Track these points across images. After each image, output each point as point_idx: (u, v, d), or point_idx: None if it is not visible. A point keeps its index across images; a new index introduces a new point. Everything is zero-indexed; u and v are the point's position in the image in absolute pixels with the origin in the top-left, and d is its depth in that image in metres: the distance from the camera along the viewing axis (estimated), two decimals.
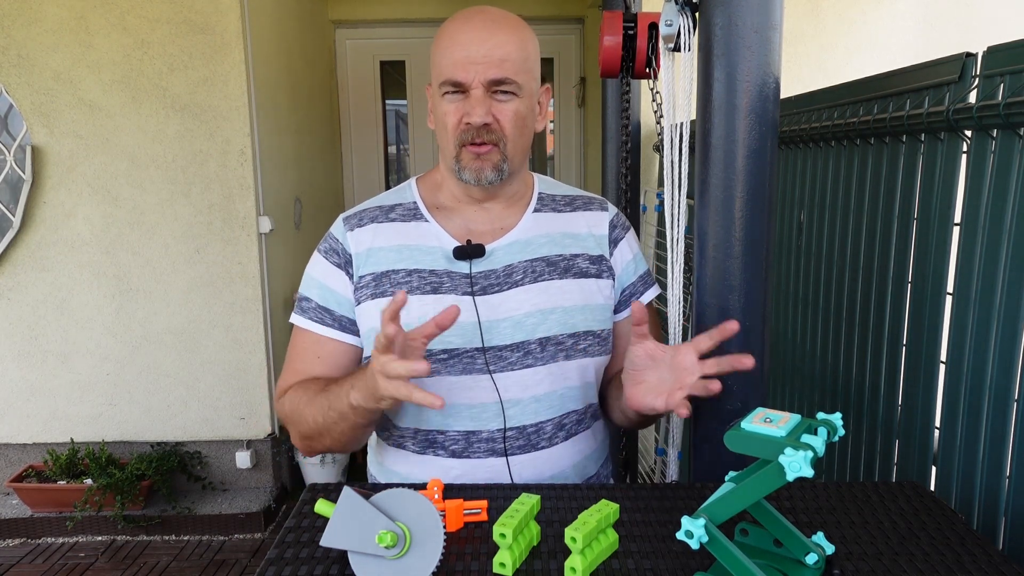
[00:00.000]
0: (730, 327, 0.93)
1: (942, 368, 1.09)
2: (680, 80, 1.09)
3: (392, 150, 4.57)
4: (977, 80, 1.01)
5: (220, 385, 3.03)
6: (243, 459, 3.05)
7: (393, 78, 4.37)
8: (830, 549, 0.79)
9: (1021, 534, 0.94)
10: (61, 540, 2.92)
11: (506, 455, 1.08)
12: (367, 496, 0.78)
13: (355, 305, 1.10)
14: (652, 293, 1.21)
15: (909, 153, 1.19)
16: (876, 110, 1.25)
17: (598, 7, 3.25)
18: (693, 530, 0.71)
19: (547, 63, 4.24)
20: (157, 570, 2.72)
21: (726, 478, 0.79)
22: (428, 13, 4.09)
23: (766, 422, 0.70)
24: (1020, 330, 0.94)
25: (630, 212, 2.07)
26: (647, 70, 1.38)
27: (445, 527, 0.78)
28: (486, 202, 1.13)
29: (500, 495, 0.95)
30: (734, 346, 0.98)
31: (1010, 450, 0.95)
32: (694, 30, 1.07)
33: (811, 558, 0.76)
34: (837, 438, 0.71)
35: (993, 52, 0.97)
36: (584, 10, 4.09)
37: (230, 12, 2.77)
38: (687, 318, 1.28)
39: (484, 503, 0.89)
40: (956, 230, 1.06)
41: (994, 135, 0.97)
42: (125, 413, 3.03)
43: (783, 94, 1.01)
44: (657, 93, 1.62)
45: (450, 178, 1.12)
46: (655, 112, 1.70)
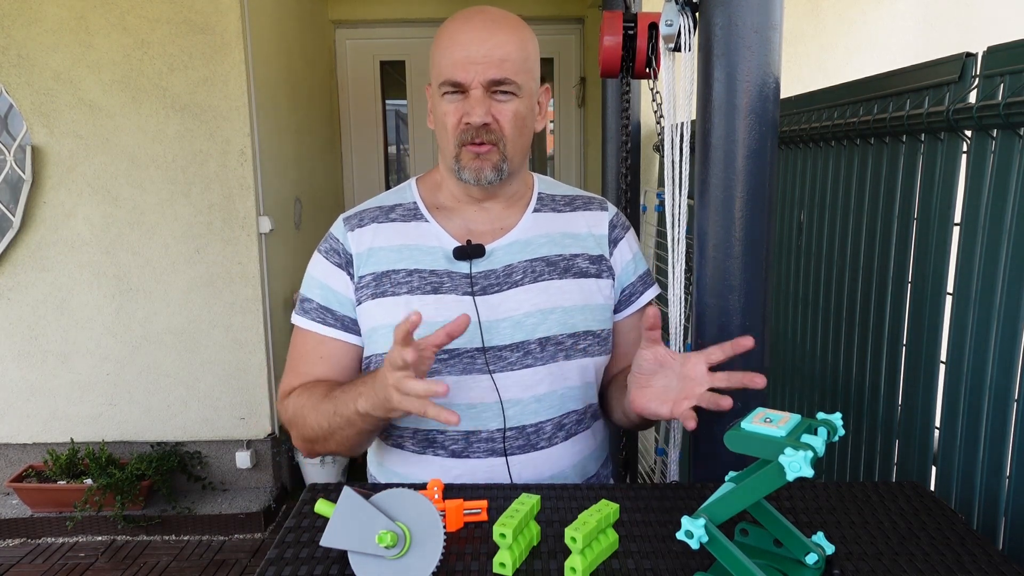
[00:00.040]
0: (744, 343, 0.91)
1: (942, 368, 1.09)
2: (680, 80, 1.09)
3: (392, 150, 4.57)
4: (977, 80, 1.01)
5: (220, 385, 3.03)
6: (243, 459, 3.05)
7: (393, 78, 4.37)
8: (830, 549, 0.79)
9: (1021, 534, 0.94)
10: (61, 540, 2.92)
11: (506, 455, 1.08)
12: (367, 496, 0.78)
13: (356, 305, 1.10)
14: (652, 293, 1.21)
15: (909, 153, 1.19)
16: (876, 110, 1.25)
17: (598, 7, 3.25)
18: (693, 530, 0.71)
19: (547, 63, 4.24)
20: (157, 570, 2.72)
21: (726, 478, 0.79)
22: (428, 13, 4.10)
23: (766, 422, 0.70)
24: (1020, 330, 0.93)
25: (630, 212, 2.07)
26: (647, 70, 1.38)
27: (445, 527, 0.78)
28: (486, 202, 1.13)
29: (500, 495, 0.95)
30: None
31: (1010, 450, 0.95)
32: (694, 30, 1.07)
33: (811, 558, 0.76)
34: (837, 438, 0.71)
35: (993, 52, 0.97)
36: (584, 10, 4.09)
37: (230, 12, 2.78)
38: (687, 318, 1.28)
39: (484, 503, 0.89)
40: (956, 230, 1.06)
41: (994, 135, 0.97)
42: (125, 413, 3.03)
43: (783, 94, 1.01)
44: (657, 93, 1.62)
45: (450, 178, 1.12)
46: (655, 112, 1.70)
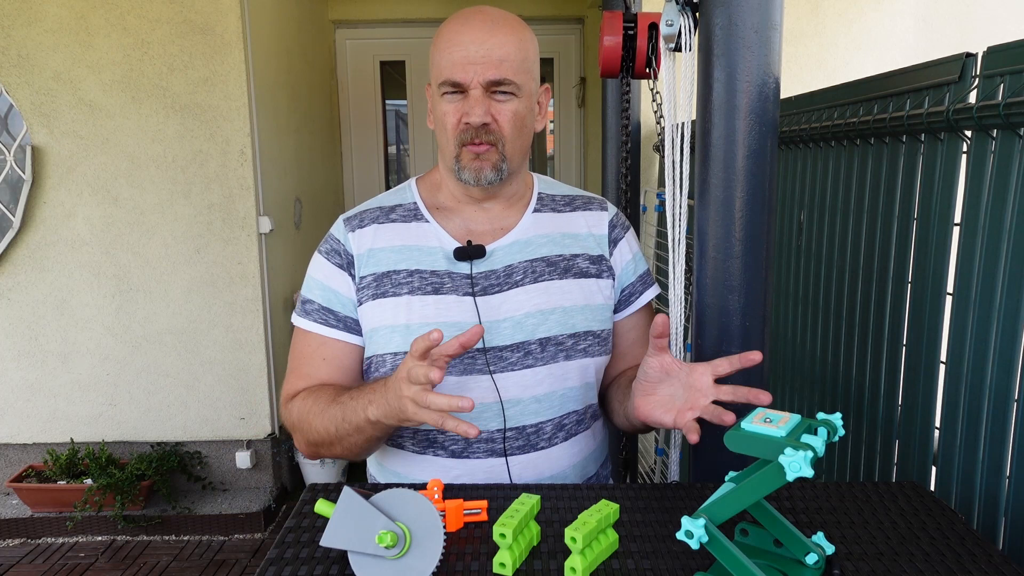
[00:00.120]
0: (752, 357, 0.90)
1: (942, 368, 1.09)
2: (680, 80, 1.09)
3: (392, 150, 4.57)
4: (977, 80, 1.01)
5: (220, 385, 3.03)
6: (243, 459, 3.05)
7: (393, 78, 4.37)
8: (830, 549, 0.79)
9: (1021, 534, 0.94)
10: (61, 540, 2.92)
11: (505, 455, 1.08)
12: (367, 496, 0.78)
13: (357, 306, 1.10)
14: (651, 293, 1.21)
15: (909, 153, 1.19)
16: (876, 110, 1.25)
17: (598, 7, 3.25)
18: (693, 530, 0.71)
19: (547, 63, 4.24)
20: (157, 570, 2.72)
21: (726, 478, 0.79)
22: (428, 13, 4.10)
23: (766, 422, 0.70)
24: (1020, 330, 0.93)
25: (630, 212, 2.07)
26: (647, 70, 1.38)
27: (445, 527, 0.78)
28: (486, 202, 1.13)
29: (500, 495, 0.94)
30: (734, 346, 0.98)
31: (1010, 450, 0.95)
32: (694, 30, 1.07)
33: (811, 558, 0.76)
34: (837, 438, 0.71)
35: (993, 52, 0.97)
36: (584, 10, 4.09)
37: (230, 12, 2.78)
38: (687, 318, 1.28)
39: (484, 503, 0.89)
40: (956, 230, 1.06)
41: (994, 135, 0.97)
42: (125, 413, 3.03)
43: (783, 94, 1.01)
44: (657, 93, 1.62)
45: (450, 178, 1.12)
46: (655, 112, 1.69)
